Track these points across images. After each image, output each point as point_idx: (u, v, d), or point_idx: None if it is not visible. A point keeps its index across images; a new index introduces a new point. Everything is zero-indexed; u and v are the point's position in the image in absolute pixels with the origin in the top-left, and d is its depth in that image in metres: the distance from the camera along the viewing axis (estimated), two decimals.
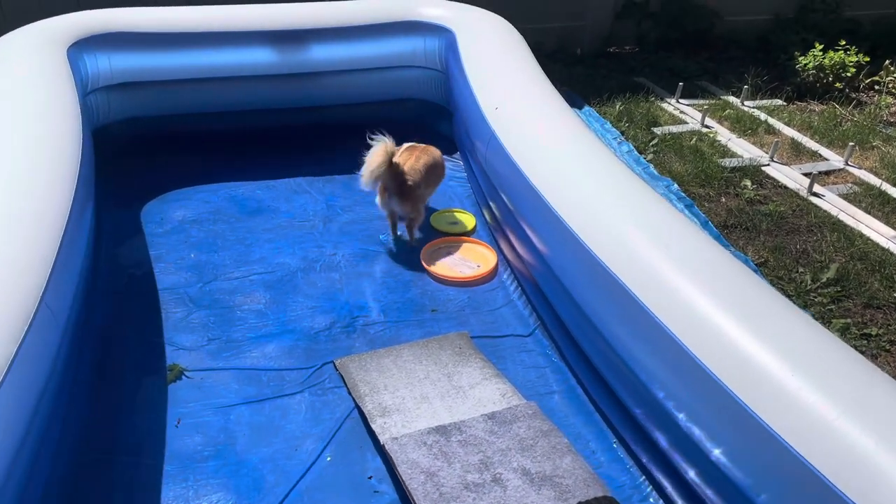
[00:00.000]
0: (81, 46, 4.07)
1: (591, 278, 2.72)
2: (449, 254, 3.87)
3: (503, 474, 2.36)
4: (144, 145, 4.49)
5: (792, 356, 2.05)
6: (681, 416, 2.28)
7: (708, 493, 2.27)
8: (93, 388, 2.84)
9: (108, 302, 3.30)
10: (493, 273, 3.77)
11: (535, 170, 3.29)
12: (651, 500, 2.54)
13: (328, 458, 2.62)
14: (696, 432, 2.22)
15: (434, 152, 3.98)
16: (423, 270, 3.67)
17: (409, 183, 3.66)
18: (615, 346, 2.57)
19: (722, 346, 2.17)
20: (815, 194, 4.70)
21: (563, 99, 3.90)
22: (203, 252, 3.71)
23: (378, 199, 3.75)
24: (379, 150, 3.48)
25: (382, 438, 2.52)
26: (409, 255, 3.79)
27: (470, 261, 3.85)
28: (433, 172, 3.93)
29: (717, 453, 2.14)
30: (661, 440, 2.46)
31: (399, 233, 3.96)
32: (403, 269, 3.70)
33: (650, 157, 5.05)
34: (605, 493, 2.33)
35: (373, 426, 2.60)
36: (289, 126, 4.81)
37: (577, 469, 2.39)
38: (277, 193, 4.31)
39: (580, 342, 2.92)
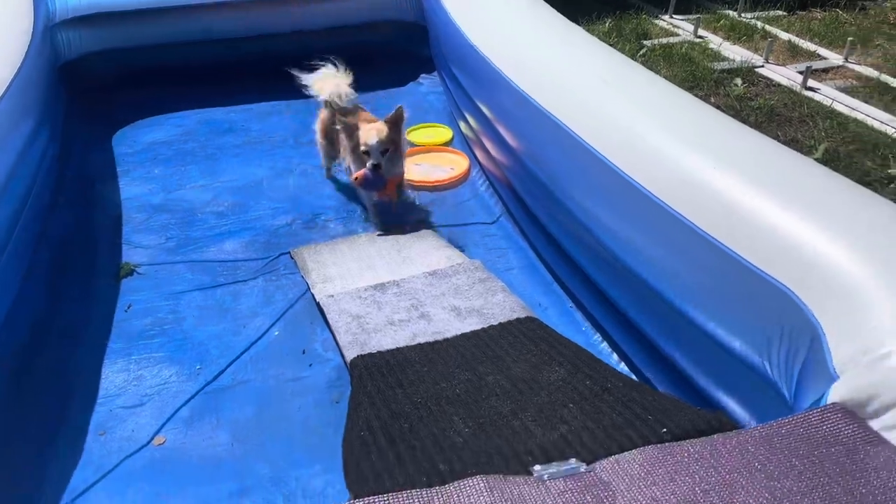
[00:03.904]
0: None
1: (559, 148, 2.60)
2: (422, 162, 3.78)
3: (431, 311, 2.30)
4: (119, 77, 4.46)
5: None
6: (642, 271, 2.14)
7: (662, 344, 2.16)
8: (48, 284, 2.82)
9: (71, 210, 3.29)
10: (466, 176, 3.67)
11: (501, 54, 3.19)
12: (604, 354, 2.45)
13: (276, 333, 2.57)
14: (655, 283, 2.09)
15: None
16: None
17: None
18: (582, 217, 2.44)
19: (691, 193, 2.00)
20: (811, 89, 4.49)
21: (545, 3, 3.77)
22: (170, 167, 3.69)
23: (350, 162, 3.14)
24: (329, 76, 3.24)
25: (318, 297, 2.46)
26: None
27: (443, 166, 3.76)
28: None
29: (673, 298, 2.00)
30: (618, 299, 2.35)
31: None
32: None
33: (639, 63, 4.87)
34: (529, 315, 2.25)
35: (313, 291, 2.54)
36: (264, 53, 4.74)
37: (506, 302, 2.31)
38: (250, 115, 4.26)
39: (544, 221, 2.82)
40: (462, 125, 3.97)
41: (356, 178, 3.00)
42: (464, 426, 1.74)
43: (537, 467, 1.45)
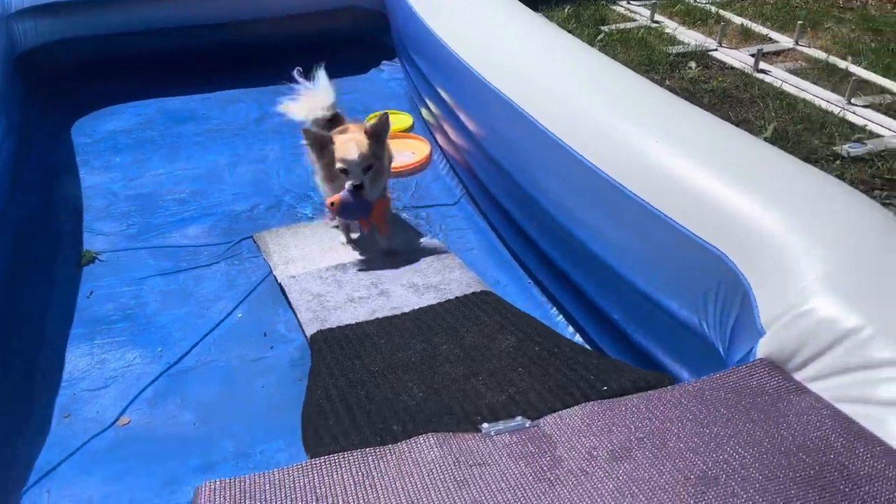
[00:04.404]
0: None
1: (515, 130, 2.66)
2: None
3: (391, 288, 2.37)
4: (77, 67, 4.43)
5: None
6: (592, 244, 2.21)
7: (610, 312, 2.24)
8: (10, 274, 2.82)
9: (30, 200, 3.29)
10: (428, 161, 3.73)
11: (461, 41, 3.25)
12: (560, 326, 2.53)
13: (239, 315, 2.61)
14: (603, 255, 2.17)
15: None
16: None
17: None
18: (536, 195, 2.51)
19: (637, 168, 2.07)
20: (762, 71, 4.62)
21: None
22: (130, 155, 3.69)
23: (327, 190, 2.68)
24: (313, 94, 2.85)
25: (280, 278, 2.51)
26: None
27: (405, 152, 3.81)
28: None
29: (619, 267, 2.08)
30: (571, 273, 2.43)
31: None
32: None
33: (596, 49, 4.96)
34: (484, 289, 2.33)
35: (275, 273, 2.59)
36: (223, 42, 4.74)
37: (463, 278, 2.39)
38: (211, 104, 4.27)
39: (502, 202, 2.89)
40: (423, 111, 4.02)
41: (332, 204, 2.50)
42: (418, 391, 1.81)
43: (485, 425, 1.52)
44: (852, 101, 4.14)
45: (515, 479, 1.30)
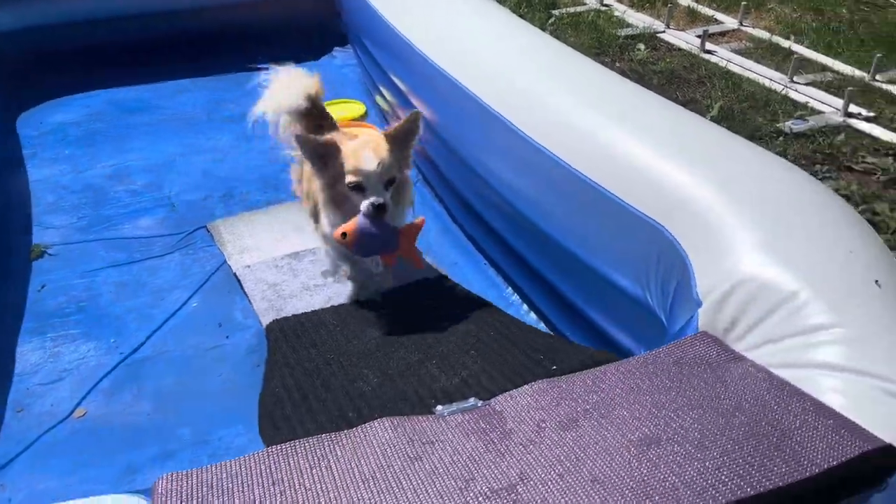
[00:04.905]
0: None
1: (467, 114, 2.69)
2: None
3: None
4: (22, 59, 4.31)
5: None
6: (543, 224, 2.25)
7: (563, 289, 2.29)
8: None
9: None
10: None
11: (412, 27, 3.26)
12: (515, 305, 2.58)
13: (194, 305, 2.61)
14: (554, 233, 2.21)
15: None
16: None
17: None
18: (490, 179, 2.54)
19: (583, 148, 2.11)
20: (708, 51, 4.72)
21: None
22: (80, 148, 3.63)
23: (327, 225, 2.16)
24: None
25: (235, 268, 2.51)
26: None
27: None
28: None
29: (567, 243, 2.12)
30: (524, 252, 2.48)
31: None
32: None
33: (547, 34, 5.01)
34: (440, 274, 2.37)
35: (230, 262, 2.59)
36: (172, 30, 4.67)
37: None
38: (161, 94, 4.21)
39: (457, 186, 2.92)
40: (378, 98, 4.03)
41: (343, 235, 1.89)
42: (373, 377, 1.84)
43: (439, 407, 1.56)
44: (795, 79, 4.26)
45: (467, 452, 1.34)
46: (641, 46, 4.75)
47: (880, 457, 1.16)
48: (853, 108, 3.92)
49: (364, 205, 1.90)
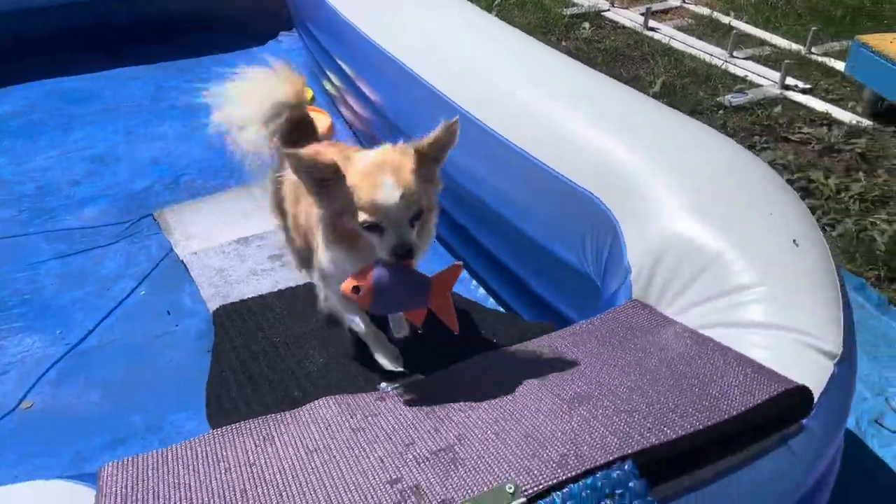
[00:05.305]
0: None
1: (412, 95, 2.71)
2: None
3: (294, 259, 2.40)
4: None
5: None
6: (488, 199, 2.29)
7: (512, 266, 2.34)
8: None
9: None
10: (329, 133, 3.72)
11: (355, 10, 3.26)
12: (462, 282, 2.62)
13: (142, 293, 2.59)
14: (497, 207, 2.25)
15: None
16: None
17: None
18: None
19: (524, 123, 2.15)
20: (651, 29, 4.79)
21: None
22: (19, 139, 3.56)
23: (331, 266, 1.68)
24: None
25: (182, 255, 2.51)
26: None
27: None
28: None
29: (516, 221, 2.16)
30: (472, 229, 2.52)
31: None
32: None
33: (494, 15, 5.04)
34: None
35: (176, 250, 2.58)
36: (116, 19, 4.58)
37: None
38: (105, 83, 4.14)
39: None
40: (325, 83, 4.01)
41: (356, 290, 1.40)
42: (319, 357, 1.87)
43: (383, 384, 1.60)
44: (734, 53, 4.36)
45: (408, 420, 1.37)
46: (587, 25, 4.81)
47: (796, 397, 1.23)
48: (790, 81, 4.03)
49: (384, 250, 1.40)
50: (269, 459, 1.33)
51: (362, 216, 1.41)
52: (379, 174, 1.41)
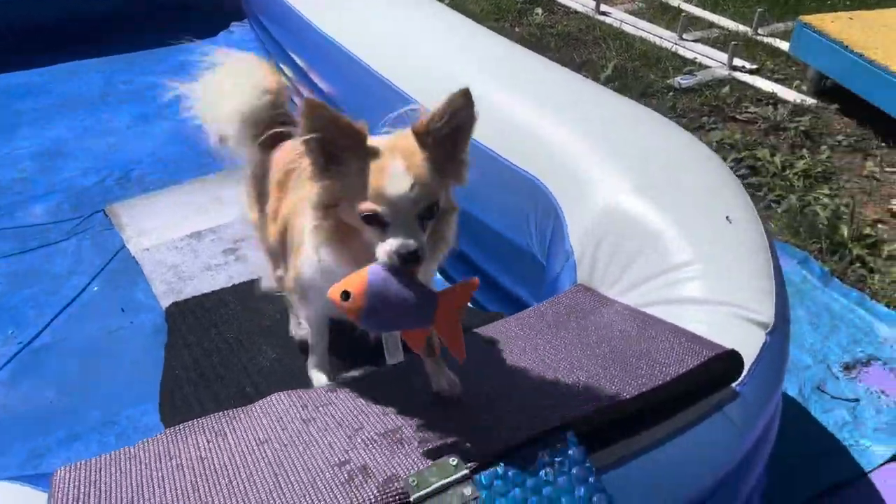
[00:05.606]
0: None
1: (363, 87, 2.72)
2: None
3: (248, 254, 2.42)
4: None
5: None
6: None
7: (467, 252, 2.37)
8: None
9: None
10: None
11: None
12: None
13: (95, 289, 2.57)
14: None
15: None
16: None
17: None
18: None
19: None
20: (603, 13, 4.85)
21: None
22: None
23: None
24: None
25: (134, 251, 2.50)
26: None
27: None
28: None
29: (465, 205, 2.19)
30: None
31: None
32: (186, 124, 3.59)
33: (447, 2, 5.05)
34: None
35: (128, 245, 2.56)
36: (63, 12, 4.49)
37: None
38: (52, 77, 4.06)
39: None
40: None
41: (345, 296, 1.13)
42: (272, 352, 1.89)
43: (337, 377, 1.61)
44: (684, 36, 4.44)
45: (358, 408, 1.40)
46: (539, 10, 4.84)
47: (727, 362, 1.29)
48: (737, 62, 4.12)
49: (384, 250, 1.16)
50: (220, 453, 1.34)
51: (364, 205, 1.15)
52: (388, 157, 1.17)
